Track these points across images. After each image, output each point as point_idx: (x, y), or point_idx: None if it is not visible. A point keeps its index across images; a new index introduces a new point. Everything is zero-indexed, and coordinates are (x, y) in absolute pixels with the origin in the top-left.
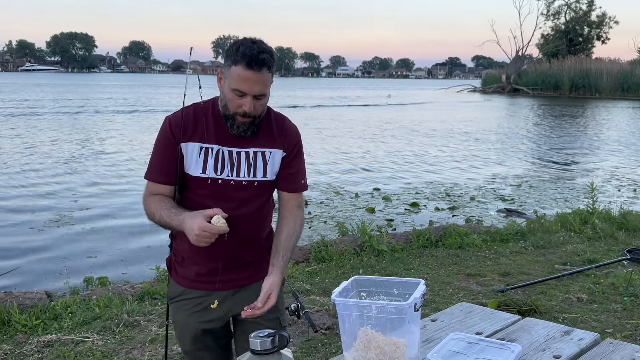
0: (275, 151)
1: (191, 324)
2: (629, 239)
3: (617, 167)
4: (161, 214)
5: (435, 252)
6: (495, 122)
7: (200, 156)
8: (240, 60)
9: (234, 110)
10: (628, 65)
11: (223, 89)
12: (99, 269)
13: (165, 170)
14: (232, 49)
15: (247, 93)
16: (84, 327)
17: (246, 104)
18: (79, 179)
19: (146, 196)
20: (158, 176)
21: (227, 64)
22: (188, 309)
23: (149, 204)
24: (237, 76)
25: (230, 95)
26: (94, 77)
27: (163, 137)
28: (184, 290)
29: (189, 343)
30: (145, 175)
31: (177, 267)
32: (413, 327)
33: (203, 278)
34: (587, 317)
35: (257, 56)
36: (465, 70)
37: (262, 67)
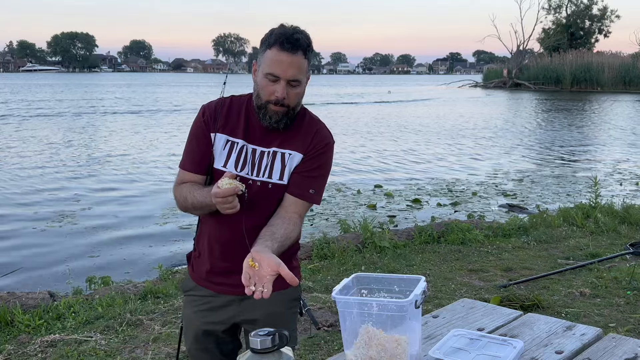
0: (295, 154)
1: (195, 321)
2: (631, 232)
3: (620, 160)
4: (194, 195)
5: (438, 248)
6: (496, 117)
7: (225, 149)
8: (274, 43)
9: (266, 98)
10: (630, 58)
11: (257, 77)
12: (102, 269)
13: (197, 159)
14: (267, 34)
15: (281, 77)
16: (87, 327)
17: (279, 90)
18: (82, 179)
19: (176, 184)
20: (190, 165)
21: (262, 50)
22: (195, 306)
23: (179, 190)
24: (270, 59)
25: (264, 82)
26: (95, 77)
27: (196, 124)
28: (195, 286)
29: (190, 341)
30: (180, 164)
31: (194, 262)
32: (414, 323)
33: (213, 278)
34: (590, 312)
35: (292, 36)
36: (466, 66)
37: (296, 48)
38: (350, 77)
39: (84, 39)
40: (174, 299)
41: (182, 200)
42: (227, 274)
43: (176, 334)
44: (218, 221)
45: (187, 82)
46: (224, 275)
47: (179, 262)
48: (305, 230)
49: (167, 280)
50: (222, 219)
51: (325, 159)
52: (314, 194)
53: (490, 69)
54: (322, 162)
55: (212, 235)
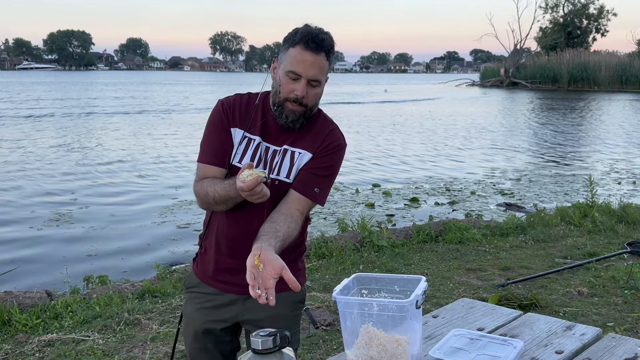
0: (305, 152)
1: (196, 319)
2: (629, 231)
3: (617, 159)
4: (215, 188)
5: (436, 247)
6: (493, 116)
7: (242, 145)
8: (298, 42)
9: (285, 95)
10: (626, 57)
11: (277, 75)
12: (99, 268)
13: (218, 151)
14: (291, 33)
15: (302, 76)
16: (84, 326)
17: (299, 88)
18: (79, 178)
19: (197, 180)
20: (211, 157)
21: (285, 48)
22: (198, 303)
23: (201, 185)
24: (293, 57)
25: (284, 79)
26: (91, 75)
27: (216, 118)
28: (199, 283)
29: (190, 339)
30: (198, 159)
31: (199, 259)
32: (415, 324)
33: (219, 276)
34: (587, 311)
35: (317, 36)
36: (463, 64)
37: (320, 48)
38: (347, 76)
39: (80, 37)
40: (171, 298)
41: (204, 195)
42: (232, 272)
43: (174, 333)
44: (227, 218)
45: (184, 80)
46: (230, 273)
47: (177, 261)
48: None
49: (164, 280)
50: (230, 216)
51: (335, 160)
52: (319, 193)
53: (488, 68)
54: (331, 163)
55: (220, 232)
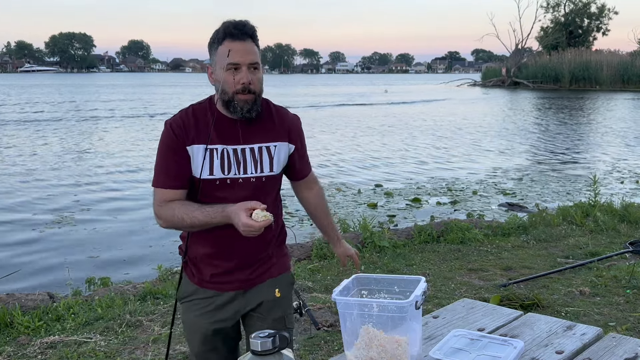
0: (281, 144)
1: (202, 324)
2: (631, 231)
3: (619, 159)
4: (194, 215)
5: (437, 248)
6: (495, 115)
7: (206, 158)
8: (223, 37)
9: (232, 89)
10: (628, 56)
11: (216, 76)
12: (101, 270)
13: (174, 174)
14: (213, 35)
15: (241, 63)
16: (86, 328)
17: (244, 76)
18: (81, 180)
19: (160, 204)
20: (169, 181)
21: (214, 49)
22: (199, 309)
23: (171, 210)
24: (224, 52)
25: (226, 75)
26: (93, 77)
27: (168, 141)
28: (196, 289)
29: (198, 344)
30: (154, 183)
31: (192, 268)
32: (414, 324)
33: (216, 278)
34: (589, 311)
35: (238, 24)
36: (465, 64)
37: (245, 34)
38: (348, 77)
39: (81, 39)
40: (173, 299)
41: (178, 220)
42: (232, 272)
43: (176, 335)
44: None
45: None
46: (229, 273)
47: (179, 263)
48: (304, 230)
49: (166, 281)
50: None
51: (303, 134)
52: (310, 164)
53: (489, 68)
54: (303, 138)
55: (213, 238)
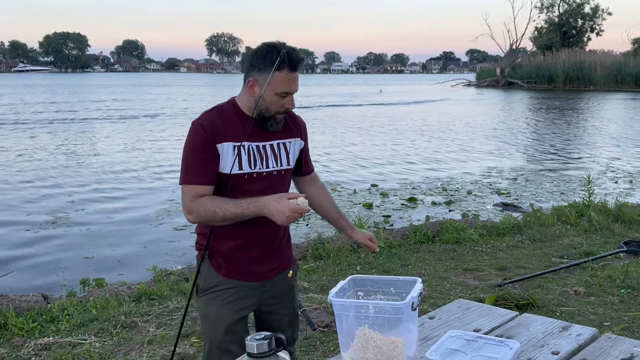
0: (294, 140)
1: (227, 313)
2: (625, 231)
3: (613, 159)
4: (226, 208)
5: (432, 248)
6: (490, 116)
7: (235, 154)
8: (284, 67)
9: (276, 110)
10: (621, 57)
11: (261, 93)
12: (96, 270)
13: (205, 171)
14: (270, 56)
15: (291, 92)
16: (81, 329)
17: (290, 102)
18: (75, 181)
19: (192, 199)
20: (200, 178)
21: (267, 71)
22: (225, 298)
23: (202, 205)
24: (282, 80)
25: (275, 99)
26: (88, 77)
27: (199, 140)
28: (221, 280)
29: (221, 334)
30: (185, 181)
31: (217, 260)
32: (411, 325)
33: (243, 269)
34: (584, 310)
35: (297, 58)
36: (459, 65)
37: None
38: (343, 77)
39: (76, 39)
40: (168, 300)
41: (210, 214)
42: (256, 262)
43: (171, 336)
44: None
45: (178, 82)
46: (254, 264)
47: (174, 264)
48: (300, 231)
49: (161, 282)
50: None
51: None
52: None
53: (484, 68)
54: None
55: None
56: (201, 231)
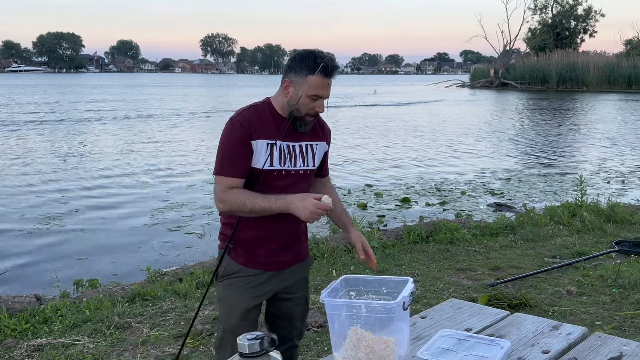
0: (320, 143)
1: (244, 299)
2: (617, 230)
3: (605, 159)
4: (255, 201)
5: (426, 248)
6: (484, 116)
7: (267, 151)
8: (319, 71)
9: (306, 112)
10: (614, 58)
11: (294, 94)
12: (89, 271)
13: (239, 165)
14: (307, 60)
15: (323, 97)
16: (74, 330)
17: (320, 106)
18: (68, 182)
19: (224, 190)
20: (234, 171)
21: (303, 74)
22: (242, 285)
23: (234, 196)
24: (316, 84)
25: (307, 101)
26: (82, 78)
27: (236, 135)
28: (240, 269)
29: (236, 319)
30: (220, 172)
31: (238, 248)
32: (402, 325)
33: (263, 258)
34: (576, 310)
35: (334, 65)
36: (453, 65)
37: (333, 75)
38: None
39: (70, 39)
40: (162, 301)
41: (240, 205)
42: (276, 252)
43: (165, 337)
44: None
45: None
46: (274, 254)
47: (168, 264)
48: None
49: (155, 283)
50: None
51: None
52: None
53: (477, 69)
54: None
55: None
56: (226, 221)
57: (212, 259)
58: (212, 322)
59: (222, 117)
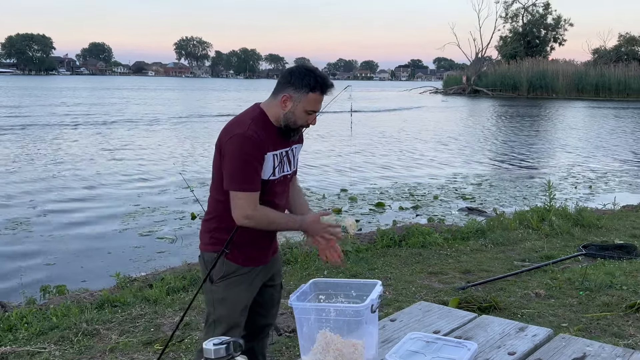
0: (299, 145)
1: (246, 295)
2: (584, 234)
3: (573, 165)
4: (280, 221)
5: (399, 252)
6: (456, 123)
7: (272, 162)
8: (317, 89)
9: (301, 123)
10: (583, 66)
11: (293, 109)
12: (57, 277)
13: (258, 179)
14: (308, 78)
15: (316, 111)
16: (40, 338)
17: (314, 119)
18: (37, 186)
19: (254, 207)
20: (256, 186)
21: (304, 91)
22: (241, 283)
23: (264, 214)
24: (313, 100)
25: (303, 115)
26: (52, 80)
27: (253, 150)
28: (237, 268)
29: (238, 314)
30: (244, 189)
31: (234, 251)
32: (371, 328)
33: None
34: (544, 312)
35: (329, 84)
36: (427, 72)
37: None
38: None
39: (40, 40)
40: (131, 307)
41: (268, 222)
42: (263, 249)
43: (134, 343)
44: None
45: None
46: (265, 250)
47: (138, 270)
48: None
49: (125, 289)
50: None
51: None
52: None
53: (450, 76)
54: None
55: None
56: (218, 226)
57: (184, 264)
58: (182, 328)
59: (196, 123)
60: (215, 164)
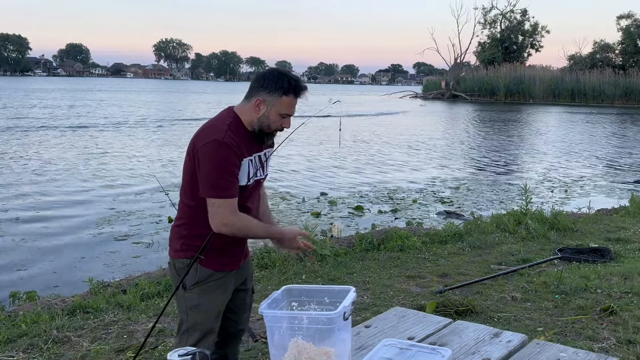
0: (270, 149)
1: (219, 301)
2: (560, 238)
3: (550, 169)
4: (258, 228)
5: (377, 255)
6: (435, 127)
7: (248, 167)
8: (290, 92)
9: (276, 127)
10: (559, 72)
11: (267, 113)
12: (28, 283)
13: (236, 185)
14: (281, 82)
15: (291, 115)
16: (8, 346)
17: (288, 123)
18: (9, 188)
19: (234, 213)
20: (235, 192)
21: (278, 94)
22: (216, 288)
23: (244, 220)
24: (288, 104)
25: (277, 118)
26: (28, 81)
27: (231, 157)
28: (211, 273)
29: (212, 320)
30: (224, 195)
31: (208, 257)
32: (344, 335)
33: (230, 260)
34: (520, 316)
35: (303, 87)
36: (407, 77)
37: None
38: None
39: (16, 41)
40: (104, 314)
41: (247, 229)
42: (236, 254)
43: (106, 350)
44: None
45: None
46: (237, 255)
47: (112, 275)
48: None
49: (97, 295)
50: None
51: None
52: None
53: (430, 81)
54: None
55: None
56: (191, 232)
57: (160, 269)
58: (156, 335)
59: (174, 125)
60: (186, 169)
